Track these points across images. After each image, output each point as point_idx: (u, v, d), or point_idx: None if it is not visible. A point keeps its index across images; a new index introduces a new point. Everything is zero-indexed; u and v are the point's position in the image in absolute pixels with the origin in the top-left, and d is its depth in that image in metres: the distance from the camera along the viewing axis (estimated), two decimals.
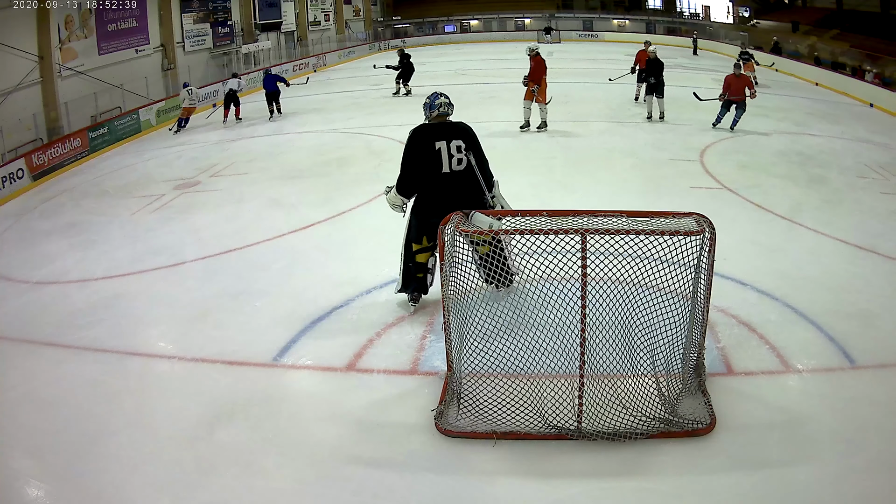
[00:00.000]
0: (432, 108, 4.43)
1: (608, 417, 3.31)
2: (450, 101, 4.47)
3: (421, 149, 4.24)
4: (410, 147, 4.29)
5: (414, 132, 4.32)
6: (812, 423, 3.40)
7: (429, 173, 4.24)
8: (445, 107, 4.42)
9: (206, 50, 19.41)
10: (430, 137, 4.24)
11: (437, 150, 4.19)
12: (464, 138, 4.28)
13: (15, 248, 6.88)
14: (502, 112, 12.48)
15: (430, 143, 4.21)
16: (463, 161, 4.23)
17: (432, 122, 4.42)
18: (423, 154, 4.23)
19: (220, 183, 8.73)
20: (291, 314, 4.75)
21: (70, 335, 4.69)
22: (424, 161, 4.23)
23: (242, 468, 3.24)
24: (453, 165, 4.22)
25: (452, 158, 4.21)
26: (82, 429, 3.59)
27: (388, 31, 34.35)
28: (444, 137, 4.23)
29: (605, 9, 35.29)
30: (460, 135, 4.29)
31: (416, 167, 4.26)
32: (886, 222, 6.39)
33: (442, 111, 4.41)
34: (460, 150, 4.23)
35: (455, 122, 4.43)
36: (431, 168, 4.22)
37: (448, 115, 4.47)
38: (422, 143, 4.24)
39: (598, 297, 3.30)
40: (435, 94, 4.46)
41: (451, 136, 4.24)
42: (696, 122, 11.27)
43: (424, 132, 4.30)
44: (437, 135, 4.25)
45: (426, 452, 3.30)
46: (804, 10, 28.05)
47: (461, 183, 4.25)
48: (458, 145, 4.23)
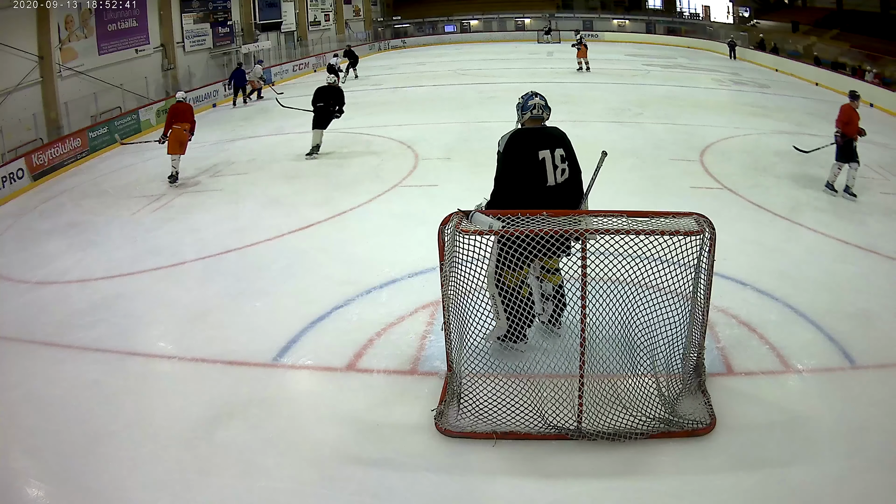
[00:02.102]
0: (525, 110, 3.83)
1: (608, 417, 3.31)
2: (546, 104, 3.86)
3: (522, 157, 3.65)
4: (509, 156, 3.68)
5: (512, 139, 3.72)
6: (812, 423, 3.41)
7: (533, 187, 3.65)
8: (541, 109, 3.82)
9: (206, 50, 19.39)
10: (532, 146, 3.67)
11: (542, 161, 3.64)
12: (565, 147, 3.76)
13: (15, 248, 6.87)
14: (503, 112, 12.47)
15: (534, 152, 3.64)
16: (566, 172, 3.72)
17: (529, 128, 3.83)
18: (525, 164, 3.64)
19: (220, 183, 8.73)
20: (291, 314, 4.75)
21: (70, 335, 4.69)
22: (527, 171, 3.65)
23: (242, 468, 3.24)
24: (558, 177, 3.69)
25: (557, 169, 3.68)
26: (82, 429, 3.60)
27: (388, 31, 34.33)
28: (547, 146, 3.68)
29: (605, 9, 35.28)
30: (561, 143, 3.76)
31: (517, 179, 3.66)
32: (886, 222, 6.39)
33: (536, 114, 3.81)
34: (563, 160, 3.72)
35: (552, 128, 3.84)
36: (535, 180, 3.64)
37: (544, 120, 3.87)
38: (523, 151, 3.66)
39: (598, 297, 3.30)
40: (529, 94, 3.87)
41: (555, 145, 3.71)
42: (696, 122, 11.27)
43: (525, 140, 3.72)
44: (539, 143, 3.69)
45: (426, 452, 3.30)
46: (804, 10, 28.03)
47: (566, 196, 3.73)
48: (562, 154, 3.72)
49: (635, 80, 17.07)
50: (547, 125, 3.88)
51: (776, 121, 11.67)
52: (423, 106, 13.49)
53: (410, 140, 10.35)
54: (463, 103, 13.54)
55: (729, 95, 15.05)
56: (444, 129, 11.26)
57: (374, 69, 21.92)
